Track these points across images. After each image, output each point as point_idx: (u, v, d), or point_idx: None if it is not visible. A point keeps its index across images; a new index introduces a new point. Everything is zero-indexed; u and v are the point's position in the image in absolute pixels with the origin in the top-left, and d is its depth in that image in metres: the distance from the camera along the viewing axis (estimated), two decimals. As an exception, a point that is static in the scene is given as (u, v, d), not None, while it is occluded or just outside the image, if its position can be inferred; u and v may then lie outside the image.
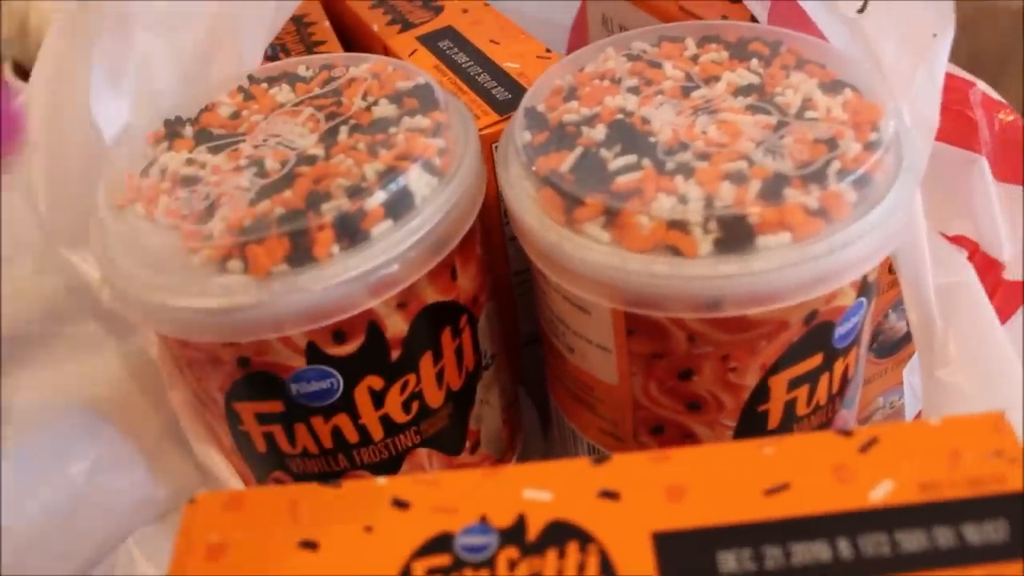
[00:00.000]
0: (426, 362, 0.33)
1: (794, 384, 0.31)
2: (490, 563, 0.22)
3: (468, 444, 0.36)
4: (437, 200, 0.30)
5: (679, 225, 0.27)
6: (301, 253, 0.29)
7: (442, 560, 0.22)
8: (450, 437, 0.35)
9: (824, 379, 0.32)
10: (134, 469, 0.37)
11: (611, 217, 0.28)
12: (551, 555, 0.22)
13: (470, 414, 0.36)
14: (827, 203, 0.28)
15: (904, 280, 0.34)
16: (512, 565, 0.22)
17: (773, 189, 0.28)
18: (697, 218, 0.27)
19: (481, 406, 0.36)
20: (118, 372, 0.37)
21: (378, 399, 0.32)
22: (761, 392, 0.31)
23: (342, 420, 0.32)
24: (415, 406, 0.33)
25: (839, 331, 0.31)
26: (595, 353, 0.32)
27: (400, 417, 0.33)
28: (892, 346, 0.42)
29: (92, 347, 0.38)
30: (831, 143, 0.29)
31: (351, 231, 0.29)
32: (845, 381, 0.33)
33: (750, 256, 0.27)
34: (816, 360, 0.31)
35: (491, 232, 0.39)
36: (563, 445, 0.39)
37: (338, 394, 0.31)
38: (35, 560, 0.34)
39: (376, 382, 0.32)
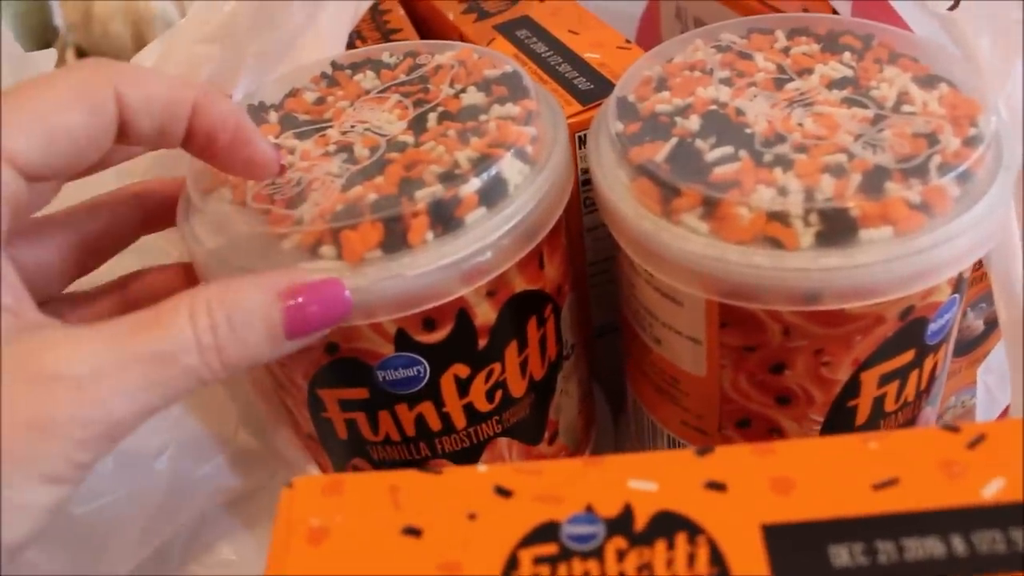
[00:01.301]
0: (511, 351, 0.32)
1: (885, 380, 0.31)
2: (598, 553, 0.22)
3: (547, 434, 0.36)
4: (530, 188, 0.30)
5: (779, 217, 0.27)
6: (395, 239, 0.29)
7: (549, 549, 0.22)
8: (530, 427, 0.35)
9: (914, 376, 0.31)
10: (212, 455, 0.37)
11: (709, 208, 0.28)
12: (660, 546, 0.22)
13: (550, 404, 0.36)
14: (929, 198, 0.27)
15: (995, 277, 0.34)
16: (621, 556, 0.22)
17: (874, 182, 0.27)
18: (798, 210, 0.27)
19: (561, 396, 0.36)
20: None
21: (463, 387, 0.32)
22: (852, 387, 0.31)
23: (426, 408, 0.32)
24: (498, 395, 0.33)
25: (932, 327, 0.30)
26: (684, 345, 0.32)
27: (483, 406, 0.33)
28: (968, 345, 0.42)
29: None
30: (931, 138, 0.29)
31: (445, 218, 0.29)
32: (933, 378, 0.33)
33: (852, 249, 0.27)
34: (908, 356, 0.31)
35: (571, 223, 0.39)
36: (640, 438, 0.38)
37: (424, 382, 0.31)
38: (120, 541, 0.34)
39: (462, 370, 0.32)
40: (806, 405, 0.31)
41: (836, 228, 0.27)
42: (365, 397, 0.32)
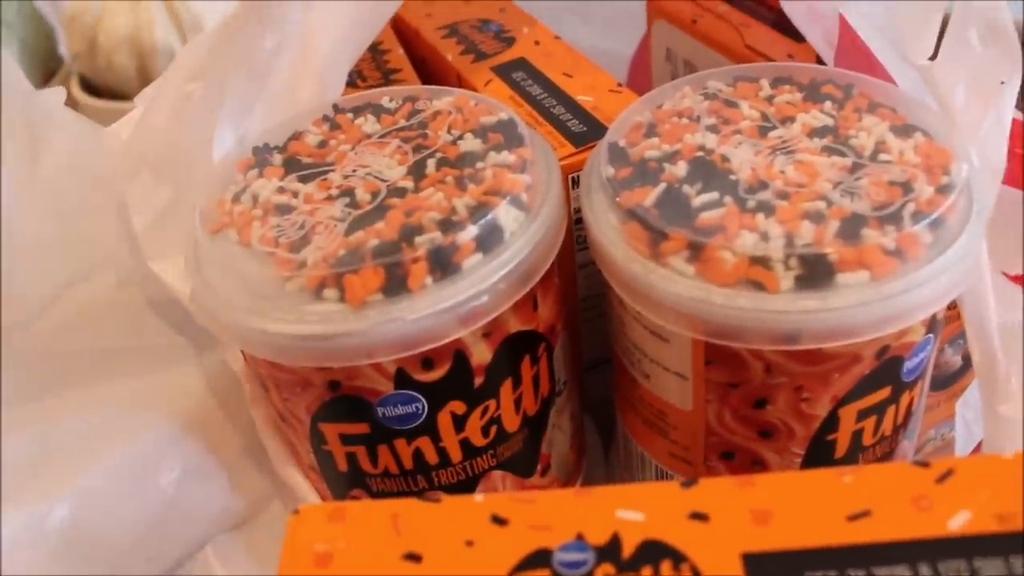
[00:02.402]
0: (506, 388, 0.34)
1: (863, 415, 0.32)
2: (588, 579, 0.23)
3: (540, 467, 0.37)
4: (525, 234, 0.32)
5: (761, 261, 0.29)
6: (396, 284, 0.30)
7: (542, 574, 0.24)
8: (524, 460, 0.36)
9: (891, 411, 0.33)
10: (216, 480, 0.38)
11: (695, 251, 0.29)
12: (646, 572, 0.23)
13: (543, 438, 0.37)
14: (903, 244, 0.29)
15: (968, 318, 0.35)
16: (609, 582, 0.23)
17: (851, 229, 0.29)
18: (779, 255, 0.29)
19: (553, 430, 0.37)
20: (201, 387, 0.39)
21: (459, 423, 0.33)
22: (831, 422, 0.32)
23: (424, 443, 0.33)
24: (493, 430, 0.34)
25: (908, 365, 0.32)
26: (671, 380, 0.33)
27: (479, 440, 0.34)
28: (946, 380, 0.43)
29: (175, 361, 0.40)
30: (906, 186, 0.30)
31: (444, 264, 0.30)
32: (909, 413, 0.34)
33: (829, 293, 0.28)
34: (885, 392, 0.32)
35: (564, 261, 0.40)
36: (629, 468, 0.40)
37: (422, 418, 0.33)
38: (127, 564, 0.35)
39: (459, 407, 0.33)
40: (787, 439, 0.33)
41: (815, 272, 0.28)
42: (365, 432, 0.33)
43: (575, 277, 0.41)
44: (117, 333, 0.41)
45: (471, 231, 0.30)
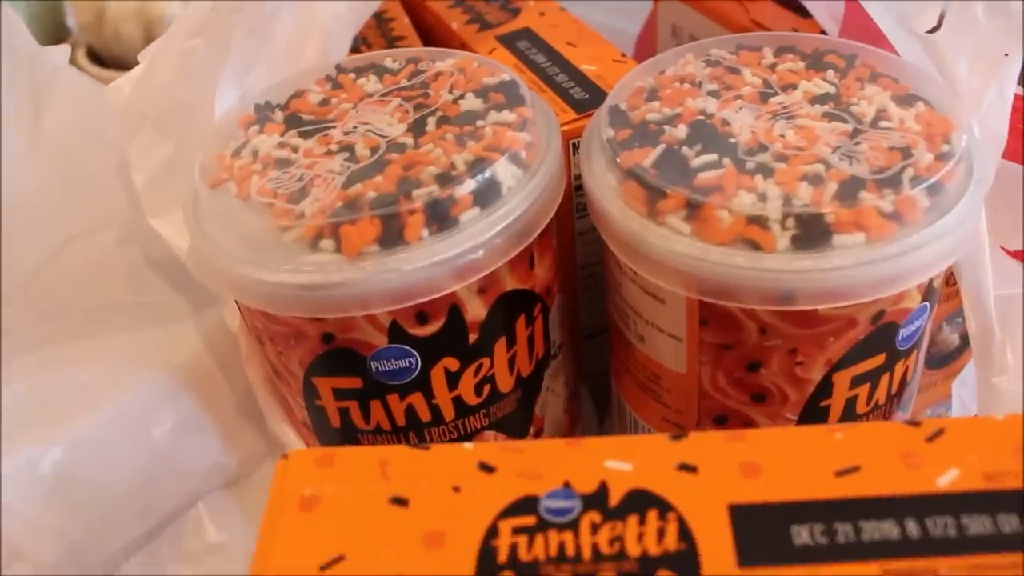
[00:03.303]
0: (500, 347, 0.34)
1: (857, 381, 0.32)
2: (573, 525, 0.23)
3: (533, 430, 0.37)
4: (522, 191, 0.32)
5: (758, 221, 0.29)
6: (392, 236, 0.30)
7: (527, 520, 0.24)
8: (516, 422, 0.36)
9: (885, 379, 0.33)
10: (210, 436, 0.38)
11: (692, 210, 0.29)
12: (632, 521, 0.23)
13: (536, 401, 0.37)
14: (901, 207, 0.29)
15: (965, 289, 0.35)
16: (594, 528, 0.23)
17: (849, 191, 0.29)
18: (776, 215, 0.29)
19: (547, 393, 0.37)
20: (197, 343, 0.39)
21: (453, 380, 0.33)
22: (825, 387, 0.32)
23: (417, 399, 0.33)
24: (487, 389, 0.34)
25: (903, 332, 0.32)
26: (666, 342, 0.33)
27: (472, 399, 0.34)
28: (943, 358, 0.43)
29: (173, 317, 0.40)
30: (905, 151, 0.30)
31: (441, 217, 0.30)
32: (904, 383, 0.34)
33: (825, 253, 0.28)
34: (879, 359, 0.32)
35: (563, 227, 0.40)
36: (623, 433, 0.40)
37: (415, 373, 0.33)
38: (117, 518, 0.35)
39: (452, 364, 0.33)
40: (780, 403, 0.32)
41: (811, 233, 0.28)
42: (358, 387, 0.33)
43: (574, 242, 0.41)
44: (116, 289, 0.41)
45: (469, 185, 0.30)
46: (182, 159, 0.38)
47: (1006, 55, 0.34)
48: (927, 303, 0.32)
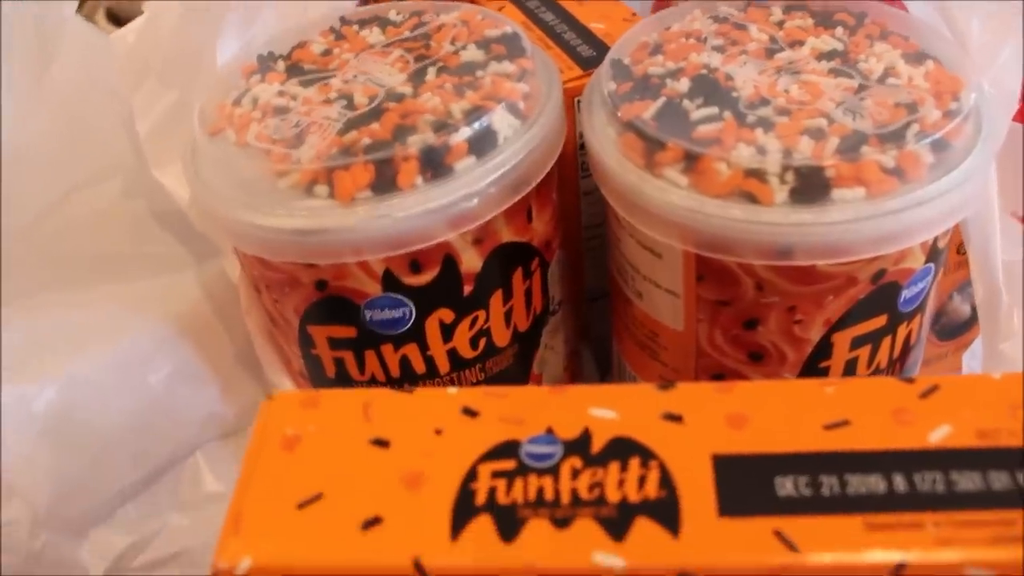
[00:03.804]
0: (496, 300, 0.33)
1: (857, 343, 0.32)
2: (554, 470, 0.23)
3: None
4: (519, 141, 0.31)
5: (757, 174, 0.28)
6: (385, 182, 0.30)
7: (507, 464, 0.23)
8: (513, 378, 0.36)
9: (887, 342, 0.32)
10: (207, 385, 0.38)
11: (691, 162, 0.29)
12: (613, 467, 0.23)
13: (534, 357, 0.37)
14: (903, 163, 0.28)
15: (973, 254, 0.34)
16: (575, 474, 0.23)
17: (851, 146, 0.28)
18: (775, 168, 0.28)
19: (545, 350, 0.37)
20: (197, 293, 0.39)
21: (447, 332, 0.33)
22: (824, 348, 0.31)
23: (411, 350, 0.33)
24: (482, 343, 0.34)
25: (905, 294, 0.31)
26: (663, 299, 0.33)
27: (467, 352, 0.34)
28: (954, 329, 0.43)
29: (174, 268, 0.40)
30: (911, 107, 0.30)
31: (435, 164, 0.30)
32: (907, 348, 0.33)
33: (824, 207, 0.28)
34: (880, 321, 0.31)
35: (567, 185, 0.40)
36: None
37: (409, 324, 0.32)
38: (111, 461, 0.35)
39: (447, 315, 0.33)
40: (778, 363, 0.32)
41: (810, 186, 0.28)
42: (353, 336, 0.33)
43: (579, 201, 0.41)
44: (119, 239, 0.41)
45: (464, 133, 0.30)
46: (186, 108, 0.38)
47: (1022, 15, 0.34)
48: (931, 264, 0.32)
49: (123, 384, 0.35)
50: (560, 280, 0.37)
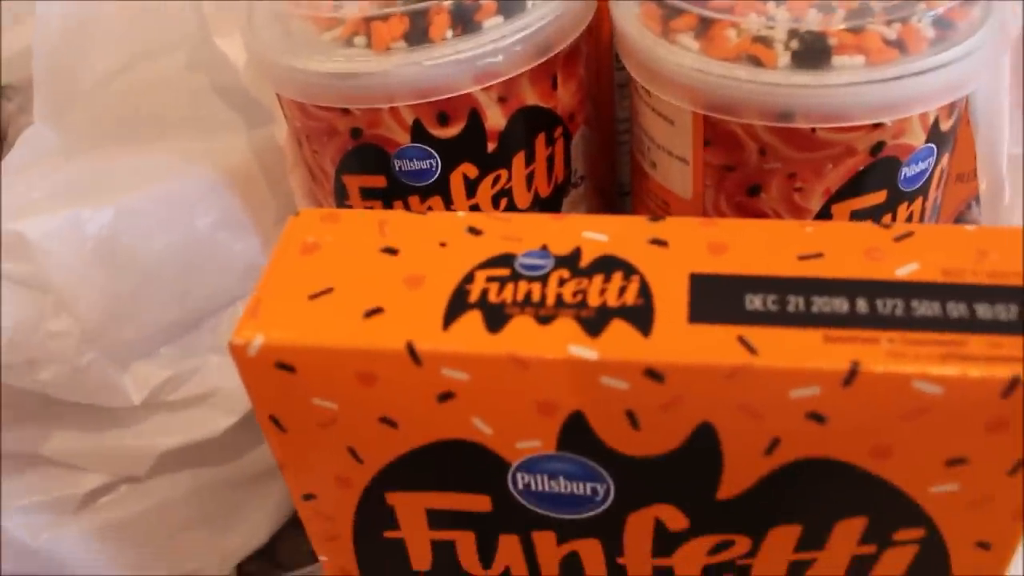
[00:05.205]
0: (519, 161, 0.36)
1: (856, 217, 0.33)
2: (543, 279, 0.25)
3: (550, 256, 0.39)
4: (546, 6, 0.33)
5: (763, 40, 0.30)
6: (418, 33, 0.32)
7: (502, 271, 0.25)
8: (533, 245, 0.38)
9: (886, 220, 0.34)
10: (250, 236, 0.41)
11: (703, 28, 0.31)
12: (597, 279, 0.25)
13: (554, 225, 0.38)
14: (904, 36, 0.30)
15: (980, 144, 0.36)
16: (562, 282, 0.25)
17: (856, 19, 0.30)
18: (781, 36, 0.30)
19: (566, 221, 0.39)
20: (247, 152, 0.41)
21: (471, 187, 0.35)
22: (823, 218, 0.33)
23: (436, 203, 0.35)
24: (503, 203, 0.36)
25: (906, 172, 0.33)
26: (675, 166, 0.34)
27: (489, 210, 0.36)
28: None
29: (226, 129, 0.42)
30: (919, -13, 0.31)
31: (465, 19, 0.32)
32: (908, 231, 0.35)
33: (825, 72, 0.29)
34: (880, 196, 0.33)
35: (602, 74, 0.41)
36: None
37: (436, 175, 0.35)
38: (155, 293, 0.38)
39: (471, 170, 0.35)
40: (779, 232, 0.34)
41: (812, 51, 0.29)
42: (383, 186, 0.35)
43: (613, 93, 0.43)
44: (178, 105, 0.44)
45: (494, -6, 0.32)
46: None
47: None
48: (932, 145, 0.33)
49: (170, 220, 0.38)
50: (584, 154, 0.39)
